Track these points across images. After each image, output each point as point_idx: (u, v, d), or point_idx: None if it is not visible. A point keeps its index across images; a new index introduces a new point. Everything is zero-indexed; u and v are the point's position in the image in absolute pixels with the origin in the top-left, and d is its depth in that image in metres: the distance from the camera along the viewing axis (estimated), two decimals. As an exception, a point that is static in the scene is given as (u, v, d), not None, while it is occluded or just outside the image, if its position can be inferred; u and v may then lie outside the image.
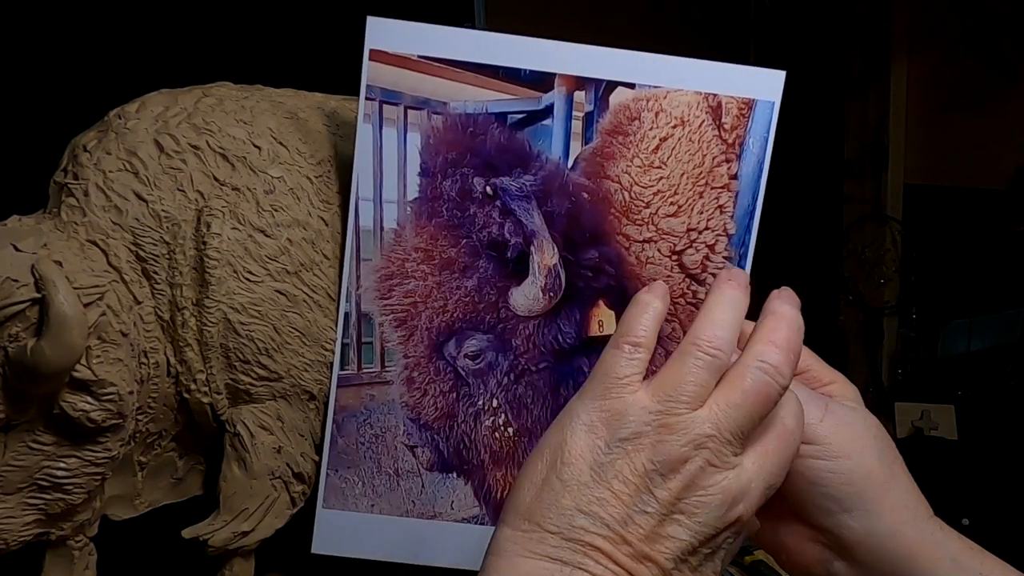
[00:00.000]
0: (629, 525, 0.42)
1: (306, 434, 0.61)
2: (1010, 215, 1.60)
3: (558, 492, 0.42)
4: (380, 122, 0.58)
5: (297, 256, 0.59)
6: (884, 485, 0.51)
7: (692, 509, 0.43)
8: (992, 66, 1.63)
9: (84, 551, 0.60)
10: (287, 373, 0.60)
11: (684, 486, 0.42)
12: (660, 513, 0.42)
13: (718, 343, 0.45)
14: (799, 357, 0.46)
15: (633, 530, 0.42)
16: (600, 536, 0.42)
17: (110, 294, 0.56)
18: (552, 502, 0.42)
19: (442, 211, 0.58)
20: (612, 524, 0.42)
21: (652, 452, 0.43)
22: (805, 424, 0.51)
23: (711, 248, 0.59)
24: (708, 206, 0.59)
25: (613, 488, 0.42)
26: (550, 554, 0.42)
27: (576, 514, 0.42)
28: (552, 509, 0.42)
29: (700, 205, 0.59)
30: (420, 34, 0.56)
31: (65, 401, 0.54)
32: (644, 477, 0.42)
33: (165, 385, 0.59)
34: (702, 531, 0.43)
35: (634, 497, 0.42)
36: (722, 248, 0.59)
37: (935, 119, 1.71)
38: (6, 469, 0.54)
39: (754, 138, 0.58)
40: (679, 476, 0.42)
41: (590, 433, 0.43)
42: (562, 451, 0.43)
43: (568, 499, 0.42)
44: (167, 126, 0.59)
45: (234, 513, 0.60)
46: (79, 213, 0.57)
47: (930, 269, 1.69)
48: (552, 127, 0.58)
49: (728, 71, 0.57)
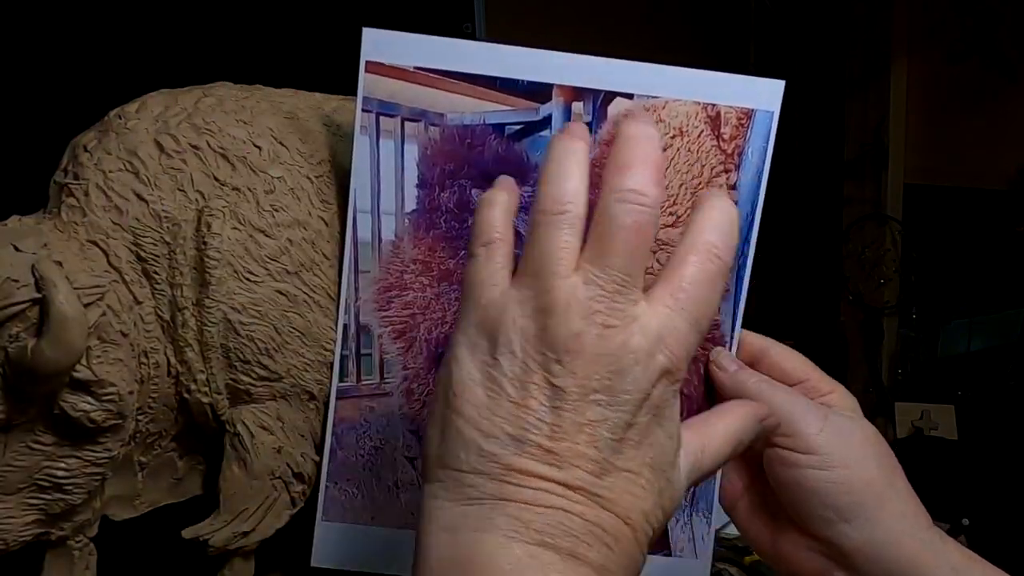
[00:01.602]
0: (542, 428, 0.37)
1: (306, 434, 0.61)
2: (1010, 215, 1.60)
3: (459, 427, 0.38)
4: (377, 134, 0.58)
5: (297, 256, 0.59)
6: (883, 495, 0.51)
7: (605, 383, 0.37)
8: (992, 66, 1.63)
9: (84, 551, 0.60)
10: (287, 373, 0.60)
11: (587, 362, 0.37)
12: (571, 402, 0.37)
13: (564, 198, 0.39)
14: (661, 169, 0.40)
15: (548, 432, 0.37)
16: (514, 455, 0.37)
17: (110, 294, 0.56)
18: (456, 439, 0.38)
19: (440, 223, 0.58)
20: (522, 436, 0.37)
21: (539, 342, 0.38)
22: (804, 435, 0.50)
23: None
24: None
25: (512, 397, 0.37)
26: (469, 495, 0.37)
27: (482, 441, 0.37)
28: (458, 446, 0.38)
29: None
30: (416, 45, 0.56)
31: (65, 401, 0.54)
32: (541, 371, 0.37)
33: (165, 385, 0.59)
34: (627, 399, 0.38)
35: (537, 397, 0.37)
36: None
37: (935, 119, 1.71)
38: (6, 469, 0.54)
39: (753, 148, 0.57)
40: (577, 355, 0.37)
41: (474, 352, 0.39)
42: (451, 384, 0.39)
43: (469, 429, 0.38)
44: (167, 126, 0.59)
45: (234, 513, 0.60)
46: (79, 213, 0.57)
47: (930, 269, 1.69)
48: (550, 138, 0.58)
49: (727, 81, 0.57)
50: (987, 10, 1.61)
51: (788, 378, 0.55)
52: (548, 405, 0.37)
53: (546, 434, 0.37)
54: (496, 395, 0.38)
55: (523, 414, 0.37)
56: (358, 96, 0.57)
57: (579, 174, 0.40)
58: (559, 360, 0.37)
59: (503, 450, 0.37)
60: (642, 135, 0.40)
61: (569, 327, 0.37)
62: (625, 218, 0.38)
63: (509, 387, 0.37)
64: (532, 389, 0.37)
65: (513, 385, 0.37)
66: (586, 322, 0.37)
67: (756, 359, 0.57)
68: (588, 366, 0.37)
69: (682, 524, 0.60)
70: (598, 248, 0.39)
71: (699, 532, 0.60)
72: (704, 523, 0.60)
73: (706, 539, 0.60)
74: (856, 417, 0.53)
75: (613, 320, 0.38)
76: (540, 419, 0.37)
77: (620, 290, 0.38)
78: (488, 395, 0.38)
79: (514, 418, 0.37)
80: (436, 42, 0.56)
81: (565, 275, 0.38)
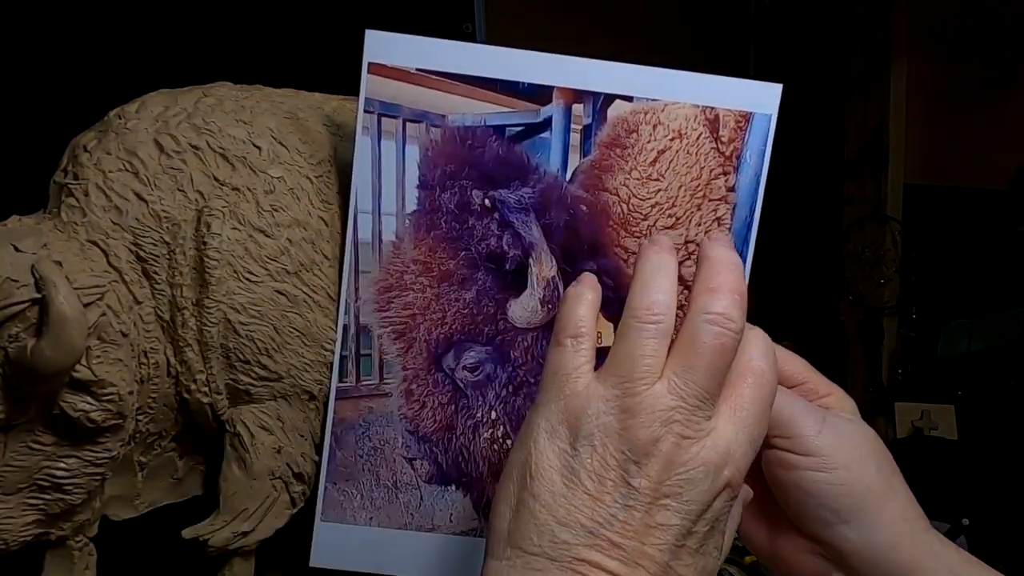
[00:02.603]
0: (614, 525, 0.39)
1: (306, 434, 0.61)
2: (1010, 215, 1.60)
3: (533, 509, 0.39)
4: (379, 135, 0.58)
5: (297, 256, 0.59)
6: (883, 497, 0.51)
7: (676, 490, 0.39)
8: (992, 66, 1.63)
9: (84, 551, 0.60)
10: (287, 373, 0.60)
11: (662, 467, 0.39)
12: (644, 504, 0.39)
13: (657, 308, 0.42)
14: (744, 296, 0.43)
15: (619, 529, 0.39)
16: (585, 546, 0.39)
17: (110, 294, 0.56)
18: (529, 521, 0.39)
19: (441, 223, 0.58)
20: (595, 529, 0.39)
21: (620, 441, 0.40)
22: (803, 437, 0.50)
23: None
24: (706, 218, 0.58)
25: (588, 490, 0.39)
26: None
27: (556, 528, 0.39)
28: (531, 529, 0.39)
29: (698, 217, 0.58)
30: (418, 47, 0.56)
31: (65, 401, 0.54)
32: (618, 469, 0.39)
33: (165, 385, 0.59)
34: (692, 509, 0.40)
35: (612, 494, 0.39)
36: None
37: (935, 119, 1.71)
38: (6, 469, 0.54)
39: (751, 151, 0.58)
40: (654, 459, 0.39)
41: (553, 438, 0.41)
42: (529, 465, 0.41)
43: (544, 514, 0.39)
44: (167, 126, 0.59)
45: (234, 513, 0.60)
46: (79, 213, 0.57)
47: (930, 269, 1.69)
48: (550, 140, 0.58)
49: (725, 84, 0.57)
50: (987, 10, 1.61)
51: (787, 381, 0.55)
52: (622, 503, 0.39)
53: (617, 530, 0.39)
54: (573, 485, 0.39)
55: (598, 507, 0.39)
56: (360, 97, 0.57)
57: (671, 289, 0.43)
58: (637, 461, 0.39)
59: (576, 540, 0.39)
60: (730, 262, 0.44)
61: (649, 431, 0.40)
62: (713, 339, 0.41)
63: (587, 479, 0.39)
64: (608, 484, 0.39)
65: (591, 478, 0.39)
66: (665, 429, 0.40)
67: None
68: (662, 471, 0.39)
69: None
70: (684, 361, 0.41)
71: None
72: None
73: None
74: (855, 420, 0.53)
75: (690, 431, 0.40)
76: (613, 515, 0.39)
77: (700, 404, 0.41)
78: (565, 483, 0.40)
79: (589, 510, 0.39)
80: (438, 44, 0.57)
81: (650, 381, 0.40)
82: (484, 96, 0.57)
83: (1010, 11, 1.59)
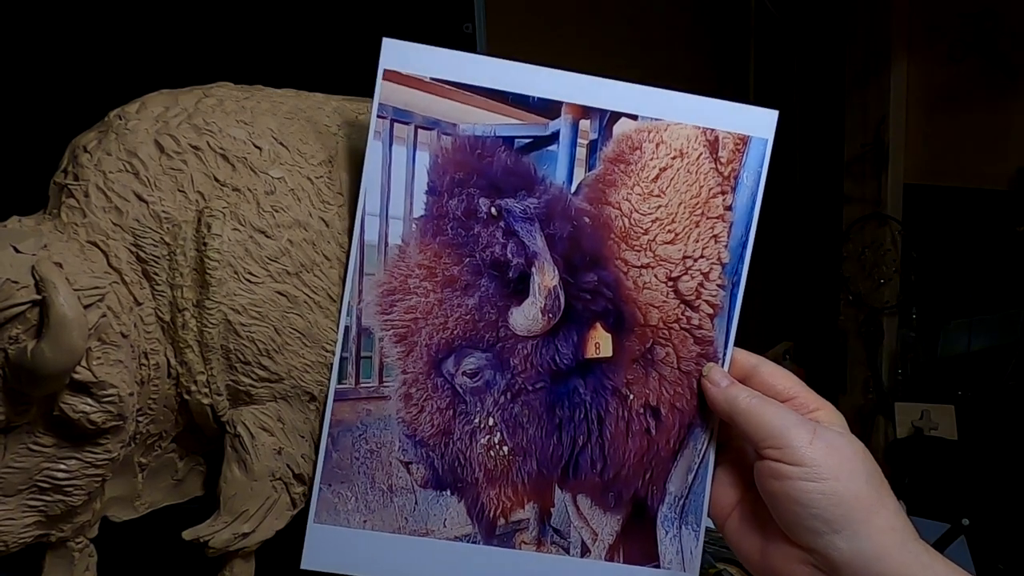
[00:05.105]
0: None
1: (307, 435, 0.61)
2: (1010, 215, 1.61)
3: None
4: (390, 140, 0.59)
5: (298, 257, 0.59)
6: (872, 507, 0.52)
7: None
8: (992, 66, 1.63)
9: (84, 553, 0.60)
10: (288, 374, 0.59)
11: None
12: None
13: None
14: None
15: None
16: None
17: (110, 295, 0.56)
18: None
19: (447, 229, 0.59)
20: None
21: None
22: (794, 447, 0.53)
23: (706, 276, 0.61)
24: (704, 235, 0.60)
25: None
26: None
27: None
28: None
29: (696, 234, 0.60)
30: (433, 57, 0.58)
31: (65, 403, 0.54)
32: None
33: (166, 386, 0.59)
34: None
35: None
36: (716, 276, 0.61)
37: (935, 119, 1.71)
38: (6, 471, 0.54)
39: (748, 172, 0.61)
40: None
41: None
42: None
43: None
44: (167, 127, 0.59)
45: (234, 514, 0.60)
46: (79, 214, 0.57)
47: (930, 269, 1.69)
48: (557, 153, 0.60)
49: (726, 108, 0.61)
50: (987, 10, 1.62)
51: (778, 395, 0.57)
52: None
53: None
54: None
55: None
56: (374, 102, 0.59)
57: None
58: None
59: None
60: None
61: None
62: None
63: None
64: None
65: None
66: None
67: (747, 376, 0.59)
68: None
69: (671, 537, 0.61)
70: None
71: (687, 546, 0.61)
72: (693, 537, 0.61)
73: (694, 552, 0.61)
74: (844, 433, 0.55)
75: None
76: None
77: None
78: None
79: None
80: (453, 55, 0.59)
81: None
82: (495, 107, 0.59)
83: (1010, 11, 1.59)
